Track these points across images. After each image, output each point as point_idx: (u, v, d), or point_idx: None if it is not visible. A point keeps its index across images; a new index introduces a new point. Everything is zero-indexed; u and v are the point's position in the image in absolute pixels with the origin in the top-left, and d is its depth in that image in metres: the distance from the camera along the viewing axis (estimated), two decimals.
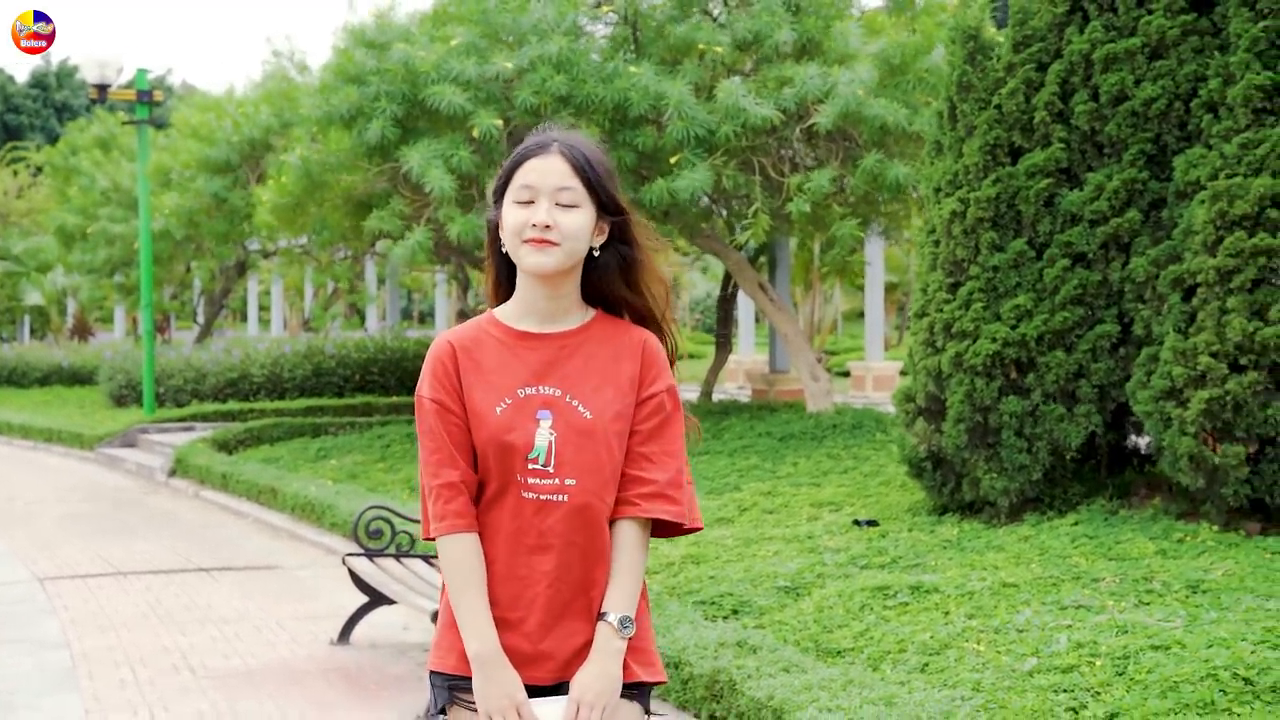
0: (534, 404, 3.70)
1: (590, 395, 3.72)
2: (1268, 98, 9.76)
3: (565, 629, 3.70)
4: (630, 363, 3.78)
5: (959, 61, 11.51)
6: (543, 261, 3.66)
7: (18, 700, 8.81)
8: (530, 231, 3.65)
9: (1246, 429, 9.64)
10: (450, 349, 3.76)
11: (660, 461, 3.76)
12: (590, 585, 3.71)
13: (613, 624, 3.68)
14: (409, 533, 10.88)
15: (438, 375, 3.74)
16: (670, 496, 3.75)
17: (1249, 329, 9.49)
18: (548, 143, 3.74)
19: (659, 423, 3.77)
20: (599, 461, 3.69)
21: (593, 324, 3.82)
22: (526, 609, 3.69)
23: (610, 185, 3.76)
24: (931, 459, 11.49)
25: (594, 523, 3.69)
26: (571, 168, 3.70)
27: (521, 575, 3.68)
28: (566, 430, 3.68)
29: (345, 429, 22.91)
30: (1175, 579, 8.50)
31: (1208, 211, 9.74)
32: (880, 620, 8.41)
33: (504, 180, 3.76)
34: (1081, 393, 10.66)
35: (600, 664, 3.67)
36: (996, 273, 10.95)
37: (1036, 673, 6.99)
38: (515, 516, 3.68)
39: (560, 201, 3.67)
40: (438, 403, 3.71)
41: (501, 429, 3.67)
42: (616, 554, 3.73)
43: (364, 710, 8.53)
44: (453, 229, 15.87)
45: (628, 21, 17.11)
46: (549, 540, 3.67)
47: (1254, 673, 6.31)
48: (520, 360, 3.74)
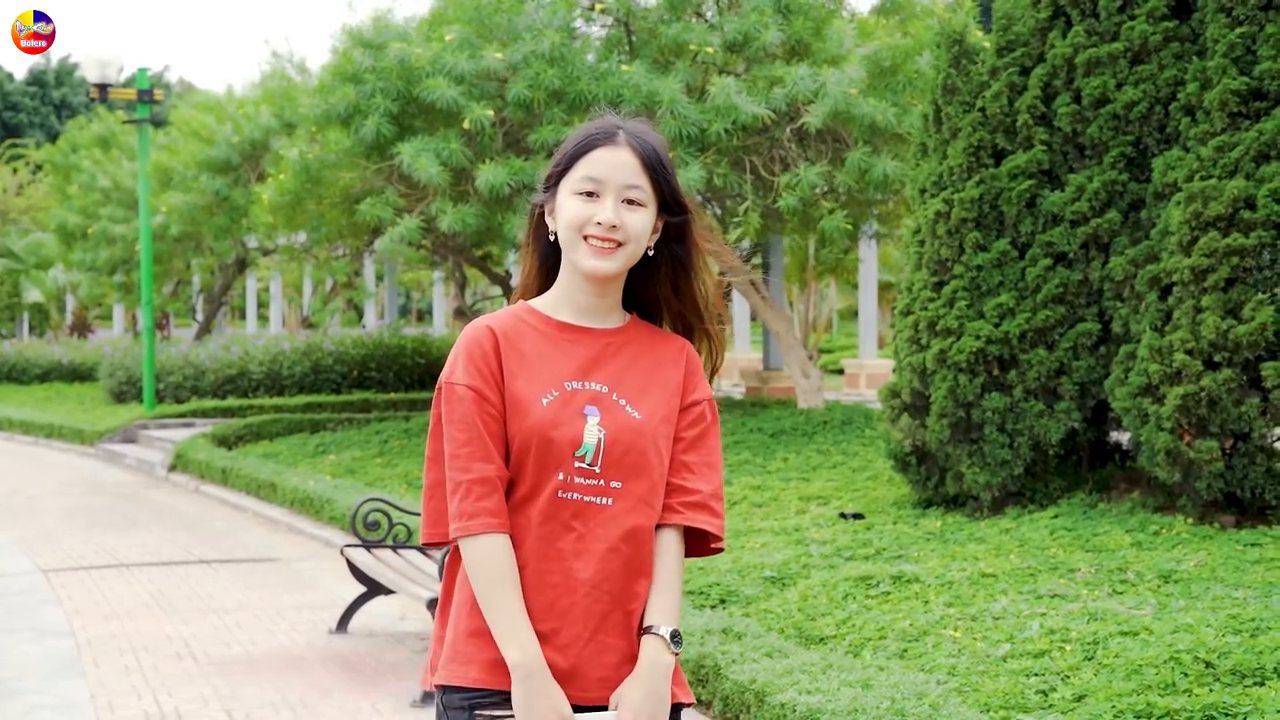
0: (581, 398, 3.44)
1: (638, 396, 3.48)
2: (1243, 102, 10.02)
3: (600, 644, 3.41)
4: (674, 368, 3.55)
5: (944, 65, 11.78)
6: (603, 266, 3.43)
7: (24, 686, 9.06)
8: (594, 229, 3.41)
9: (1221, 425, 9.90)
10: (490, 334, 3.46)
11: (702, 472, 3.52)
12: (630, 598, 3.43)
13: (664, 638, 3.42)
14: (406, 525, 11.14)
15: (475, 361, 3.42)
16: (713, 509, 3.51)
17: (1223, 327, 9.75)
18: (613, 131, 3.48)
19: (700, 432, 3.55)
20: (647, 465, 3.44)
21: (631, 326, 3.58)
22: (560, 620, 3.39)
23: (676, 183, 3.53)
24: (916, 453, 11.76)
25: (640, 531, 3.44)
26: (641, 163, 3.46)
27: (555, 583, 3.38)
28: (615, 429, 3.42)
29: (343, 425, 23.15)
30: (1149, 569, 8.77)
31: (1183, 212, 10.00)
32: (862, 609, 8.67)
33: (563, 166, 3.49)
34: (1062, 389, 10.93)
35: (650, 682, 3.40)
36: (980, 272, 11.22)
37: (1009, 657, 7.25)
38: (549, 519, 3.39)
39: (627, 198, 3.43)
40: (475, 390, 3.40)
41: (547, 422, 3.39)
42: (660, 563, 3.48)
43: (361, 695, 8.79)
44: (444, 221, 16.14)
45: (621, 23, 17.37)
46: (589, 546, 3.39)
47: (1215, 656, 6.56)
48: (563, 352, 3.48)
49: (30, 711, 8.48)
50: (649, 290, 3.61)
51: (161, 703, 8.66)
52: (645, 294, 3.62)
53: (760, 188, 16.72)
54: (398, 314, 38.18)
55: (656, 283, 3.59)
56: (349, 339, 29.79)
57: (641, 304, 3.63)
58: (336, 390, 28.48)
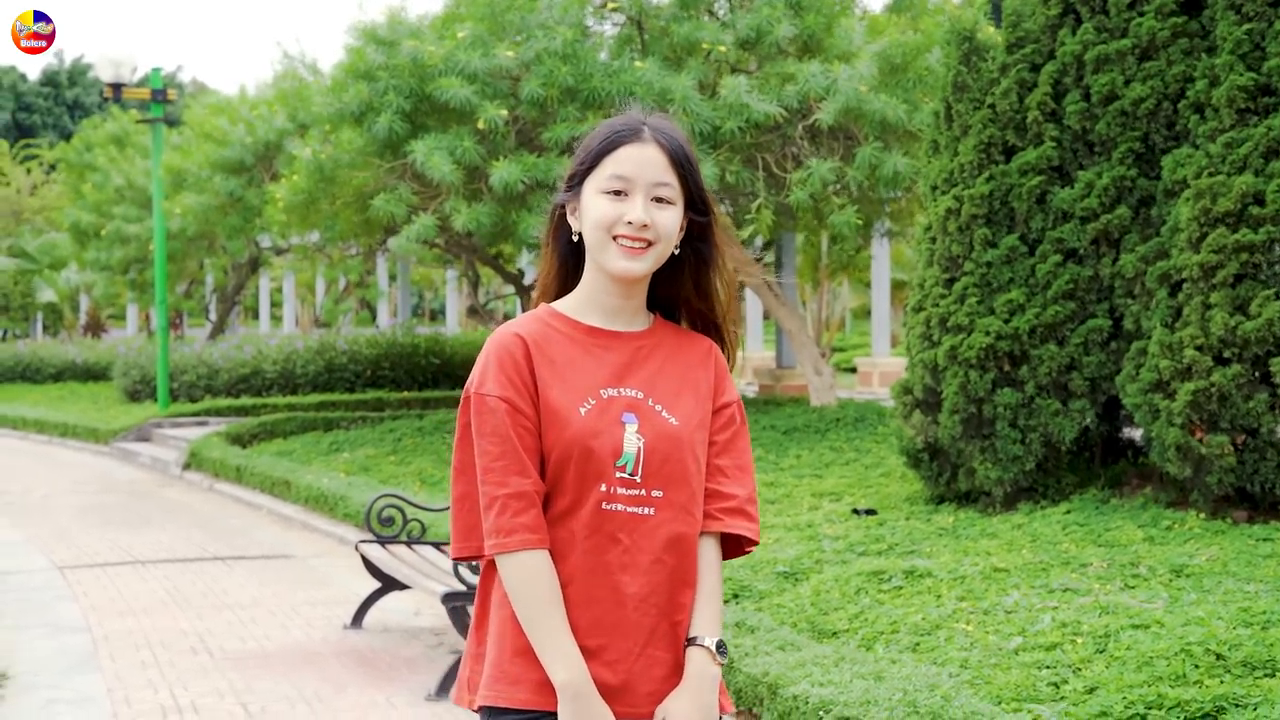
0: (618, 406, 3.34)
1: (673, 401, 3.40)
2: (1251, 98, 10.05)
3: (650, 658, 3.33)
4: (704, 370, 3.48)
5: (954, 62, 11.81)
6: (634, 267, 3.34)
7: (41, 680, 9.13)
8: (624, 228, 3.32)
9: (1231, 420, 9.93)
10: (521, 342, 3.34)
11: (736, 476, 3.46)
12: (676, 609, 3.36)
13: (709, 649, 3.35)
14: (420, 521, 11.21)
15: (507, 371, 3.30)
16: (749, 513, 3.45)
17: (1232, 323, 9.79)
18: (638, 127, 3.39)
19: (732, 435, 3.48)
20: (686, 472, 3.36)
21: (657, 328, 3.50)
22: (608, 635, 3.30)
23: (701, 180, 3.44)
24: (928, 450, 11.79)
25: (684, 540, 3.36)
26: (669, 160, 3.37)
27: (602, 598, 3.29)
28: (654, 436, 3.34)
29: (357, 423, 23.22)
30: (1160, 564, 8.80)
31: (1192, 209, 10.04)
32: (875, 603, 8.71)
33: (588, 164, 3.40)
34: (1074, 385, 10.96)
35: (696, 694, 3.33)
36: (990, 268, 11.26)
37: (1021, 650, 7.29)
38: (594, 532, 3.29)
39: (656, 196, 3.35)
40: (508, 402, 3.29)
41: (588, 432, 3.29)
42: (701, 572, 3.41)
43: (376, 689, 8.84)
44: (458, 219, 16.20)
45: (633, 21, 17.42)
46: (635, 558, 3.31)
47: (1226, 648, 6.60)
48: (595, 358, 3.39)
49: (47, 705, 8.54)
50: (670, 289, 3.52)
51: (178, 696, 8.72)
52: (665, 293, 3.53)
53: (772, 185, 16.76)
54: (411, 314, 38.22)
55: (678, 282, 3.51)
56: (362, 338, 29.91)
57: (660, 302, 3.54)
58: (350, 389, 28.58)
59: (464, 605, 8.78)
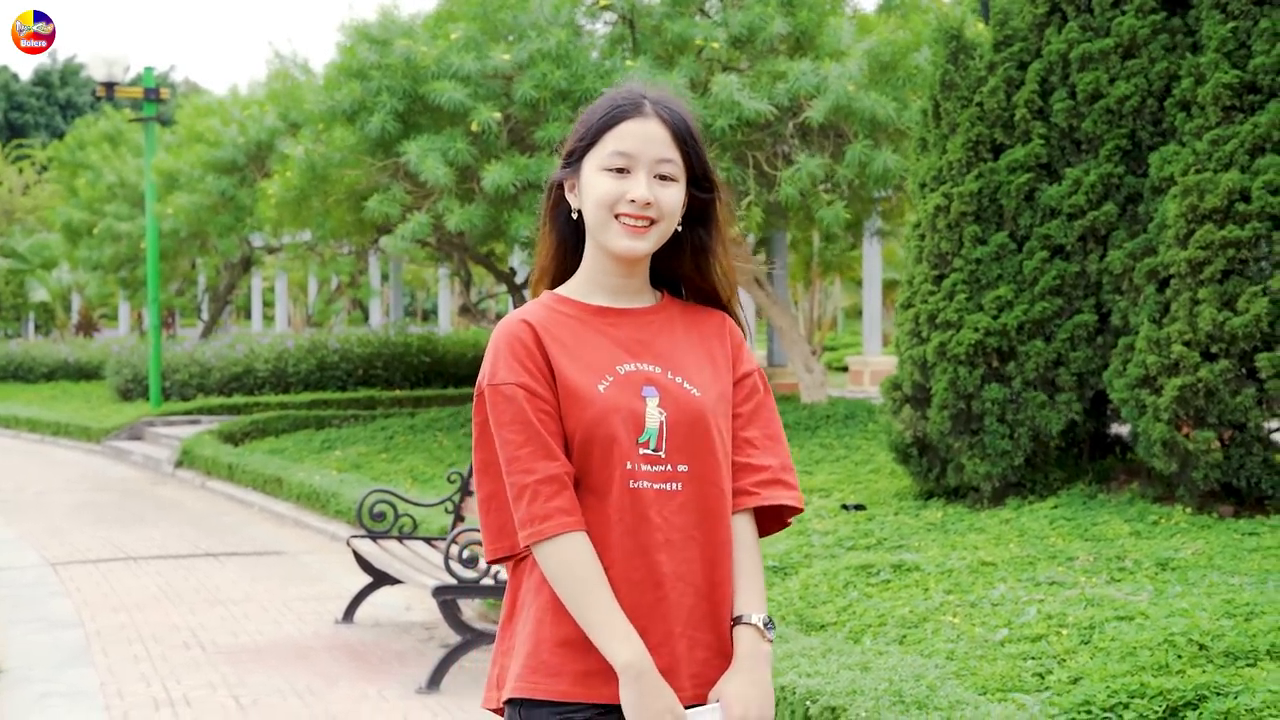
0: (637, 380, 3.25)
1: (693, 373, 3.31)
2: (1236, 96, 10.12)
3: (691, 639, 3.24)
4: (720, 342, 3.40)
5: (942, 61, 11.88)
6: (637, 246, 3.25)
7: (35, 674, 9.19)
8: (627, 207, 3.22)
9: (1218, 415, 10.00)
10: (528, 327, 3.25)
11: (766, 445, 3.37)
12: (713, 587, 3.26)
13: (757, 626, 3.27)
14: (411, 516, 11.29)
15: (519, 356, 3.21)
16: (786, 482, 3.37)
17: (1219, 319, 9.85)
18: (639, 101, 3.29)
19: (756, 404, 3.39)
20: (711, 445, 3.26)
21: (666, 304, 3.41)
22: (647, 617, 3.19)
23: (706, 156, 3.35)
24: (917, 445, 11.86)
25: (714, 514, 3.26)
26: (672, 135, 3.28)
27: (638, 580, 3.19)
28: (676, 410, 3.24)
29: (349, 422, 23.28)
30: (1146, 557, 8.87)
31: (1179, 205, 10.10)
32: (863, 596, 8.77)
33: (589, 140, 3.30)
34: (1061, 381, 11.02)
35: (752, 672, 3.24)
36: (979, 265, 11.32)
37: (1007, 642, 7.35)
38: (624, 512, 3.19)
39: (659, 173, 3.25)
40: (524, 388, 3.18)
41: (608, 409, 3.19)
42: (738, 550, 3.30)
43: (367, 683, 8.90)
44: (451, 220, 16.27)
45: (625, 20, 17.48)
46: (670, 536, 3.21)
47: (1209, 639, 6.66)
48: (606, 336, 3.29)
49: (41, 699, 8.61)
50: (671, 267, 3.43)
51: (170, 690, 8.78)
52: (667, 272, 3.44)
53: (763, 182, 16.83)
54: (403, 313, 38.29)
55: (680, 260, 3.41)
56: (354, 337, 30.01)
57: (663, 281, 3.45)
58: (342, 388, 28.65)
59: (455, 599, 8.85)
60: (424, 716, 8.13)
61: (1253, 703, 5.74)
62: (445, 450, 18.47)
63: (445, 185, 16.05)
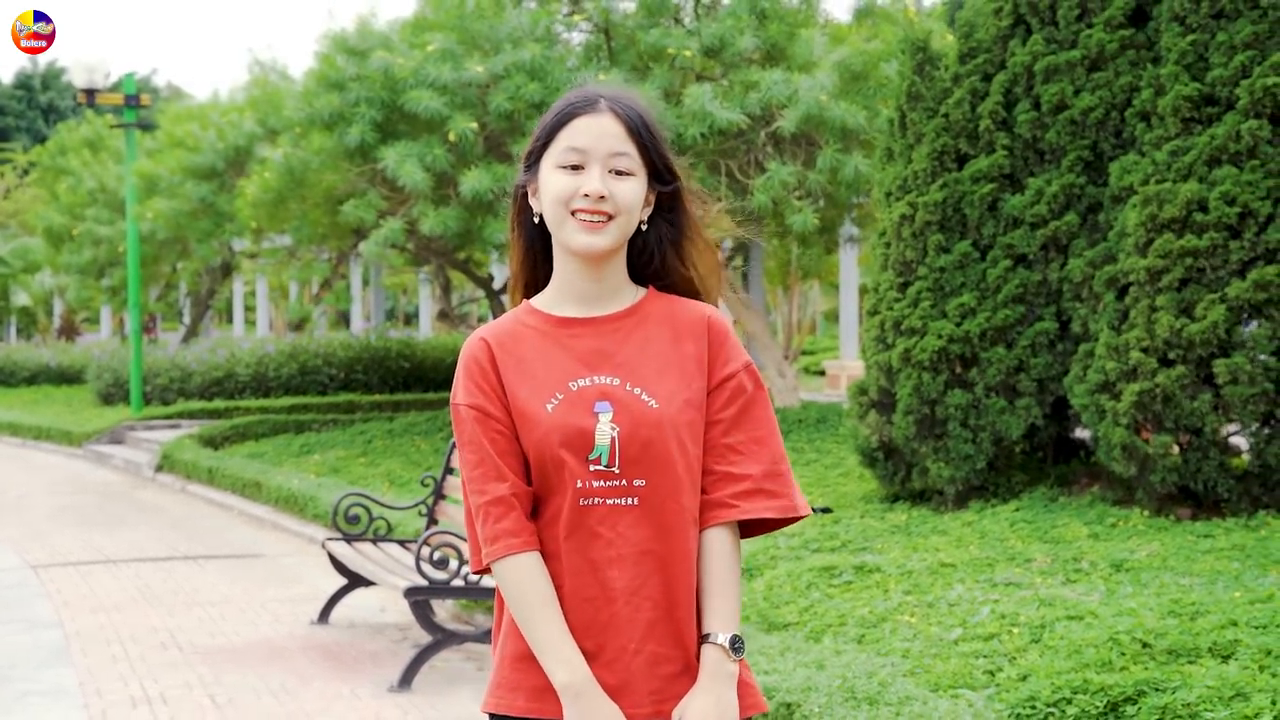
0: (589, 396, 3.22)
1: (654, 382, 3.25)
2: (1195, 108, 10.35)
3: (651, 655, 3.22)
4: (694, 343, 3.30)
5: (908, 72, 12.11)
6: (595, 242, 3.21)
7: (15, 674, 9.36)
8: (581, 202, 3.19)
9: (1175, 420, 10.23)
10: (485, 346, 3.28)
11: (750, 451, 3.28)
12: (675, 604, 3.23)
13: (722, 645, 3.21)
14: (385, 519, 11.47)
15: (474, 377, 3.26)
16: (769, 490, 3.27)
17: (1177, 326, 10.08)
18: (594, 99, 3.28)
19: (741, 407, 3.30)
20: (669, 457, 3.21)
21: (645, 302, 3.35)
22: (602, 634, 3.20)
23: (665, 150, 3.31)
24: (883, 449, 12.08)
25: (673, 528, 3.22)
26: (626, 129, 3.25)
27: (592, 596, 3.20)
28: (631, 423, 3.20)
29: (328, 426, 23.44)
30: (1102, 559, 9.10)
31: (1139, 215, 10.33)
32: (825, 597, 8.98)
33: (543, 141, 3.29)
34: (1022, 386, 11.26)
35: (714, 692, 3.20)
36: (943, 273, 11.55)
37: (961, 641, 7.57)
38: (574, 529, 3.20)
39: (615, 168, 3.22)
40: (476, 409, 3.24)
41: (552, 429, 3.19)
42: (710, 565, 3.26)
43: (340, 682, 9.09)
44: (426, 223, 16.48)
45: (600, 29, 17.68)
46: (622, 551, 3.20)
47: (1153, 637, 6.88)
48: (565, 349, 3.28)
49: (21, 697, 8.78)
50: (649, 262, 3.37)
51: (147, 688, 8.96)
52: (645, 269, 3.38)
53: (736, 190, 17.03)
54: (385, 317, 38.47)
55: (653, 256, 3.36)
56: (336, 342, 30.16)
57: (644, 280, 3.39)
58: (323, 392, 28.81)
59: (427, 600, 9.04)
60: (395, 715, 8.32)
61: (1189, 697, 5.96)
62: (422, 454, 18.65)
63: (422, 190, 16.26)
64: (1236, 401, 9.98)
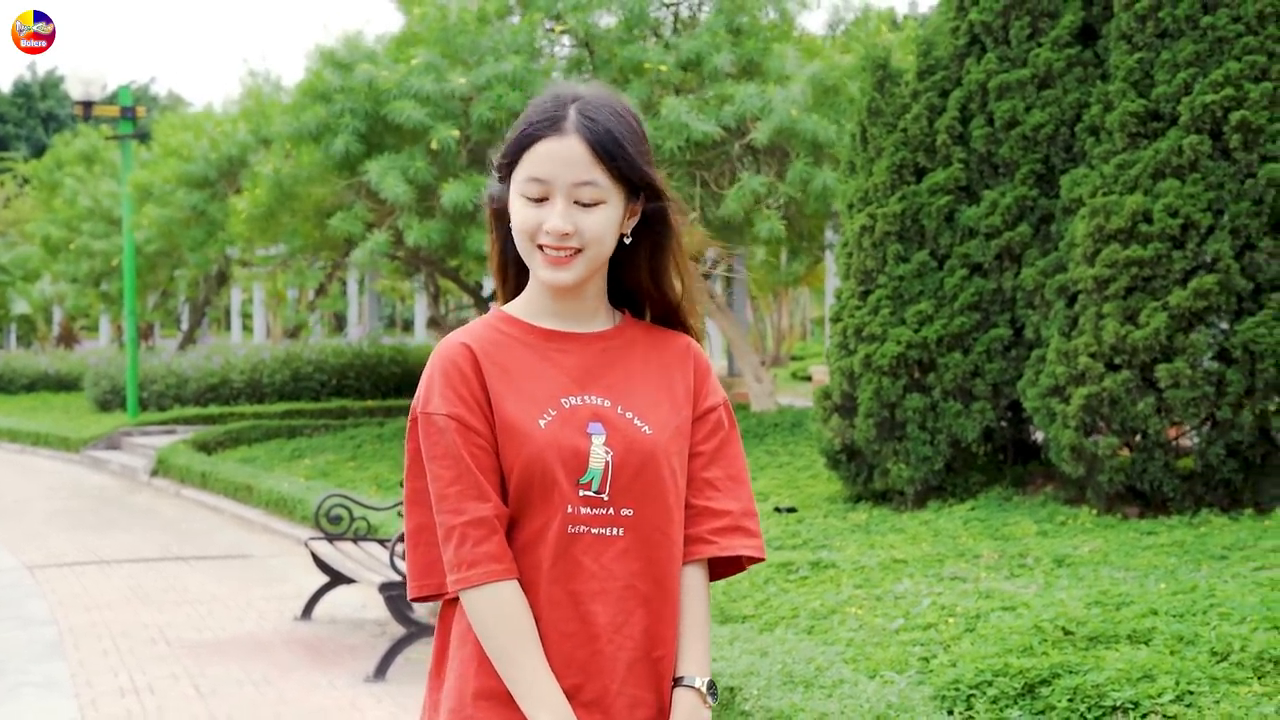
0: (582, 415, 2.97)
1: (647, 408, 3.03)
2: (1141, 123, 10.80)
3: (630, 697, 2.97)
4: (681, 372, 3.11)
5: (869, 88, 12.57)
6: (562, 277, 2.96)
7: (9, 667, 9.81)
8: (545, 238, 2.93)
9: (1121, 423, 10.68)
10: (467, 351, 2.97)
11: (728, 489, 3.08)
12: (655, 643, 2.98)
13: (700, 690, 3.00)
14: (366, 519, 11.93)
15: (454, 384, 2.94)
16: (747, 529, 3.07)
17: (1122, 332, 10.53)
18: (562, 116, 2.96)
19: (720, 442, 3.12)
20: (661, 487, 2.98)
21: (626, 327, 3.13)
22: (582, 673, 2.93)
23: (643, 165, 2.99)
24: (846, 451, 12.53)
25: (659, 564, 2.98)
26: (593, 154, 2.93)
27: (572, 631, 2.93)
28: (624, 449, 2.96)
29: (320, 431, 23.88)
30: (1046, 554, 9.53)
31: (1087, 226, 10.78)
32: (780, 591, 9.42)
33: (509, 159, 3.04)
34: (977, 390, 11.71)
35: None
36: (902, 281, 12.01)
37: (901, 630, 8.00)
38: (558, 558, 2.93)
39: (580, 200, 2.93)
40: (457, 419, 2.92)
41: (546, 447, 2.91)
42: (687, 603, 3.04)
43: (320, 673, 9.54)
44: (410, 235, 16.93)
45: (583, 43, 18.12)
46: (606, 585, 2.94)
47: (1075, 625, 7.32)
48: (553, 363, 3.02)
49: (15, 688, 9.23)
50: (630, 278, 3.14)
51: (136, 680, 9.41)
52: (627, 282, 3.15)
53: (711, 200, 17.46)
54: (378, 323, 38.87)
55: (635, 274, 3.12)
56: (329, 348, 30.56)
57: (624, 293, 3.17)
58: (316, 398, 29.20)
59: (401, 594, 9.49)
60: (369, 702, 8.77)
61: (1099, 679, 6.39)
62: None
63: (405, 203, 16.71)
64: (1178, 404, 10.43)
